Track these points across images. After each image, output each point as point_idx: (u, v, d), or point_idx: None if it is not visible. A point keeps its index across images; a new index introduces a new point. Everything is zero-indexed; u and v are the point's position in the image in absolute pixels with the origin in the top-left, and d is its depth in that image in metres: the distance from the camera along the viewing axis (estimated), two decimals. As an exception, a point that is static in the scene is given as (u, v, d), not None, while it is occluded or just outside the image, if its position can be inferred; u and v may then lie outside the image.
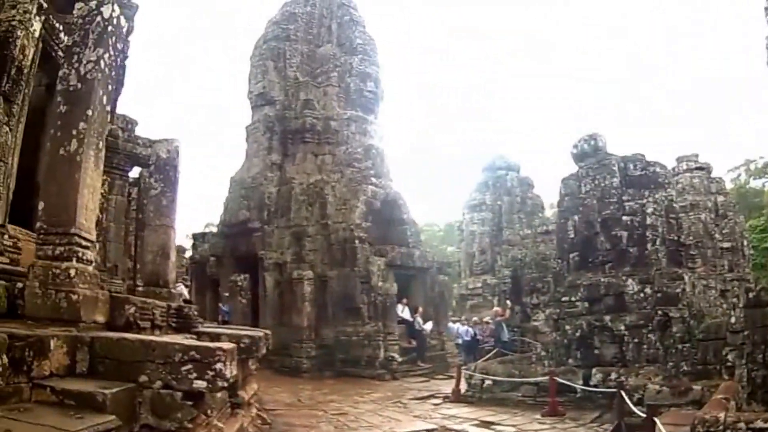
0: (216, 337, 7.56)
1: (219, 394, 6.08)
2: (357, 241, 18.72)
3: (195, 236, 23.87)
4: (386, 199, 20.69)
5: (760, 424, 5.09)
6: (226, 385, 5.37)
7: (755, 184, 40.95)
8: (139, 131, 13.59)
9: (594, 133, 13.43)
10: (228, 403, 7.16)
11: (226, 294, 19.74)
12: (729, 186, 30.71)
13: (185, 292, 21.51)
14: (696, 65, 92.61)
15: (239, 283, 19.00)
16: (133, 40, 12.50)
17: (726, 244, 23.55)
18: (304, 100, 21.30)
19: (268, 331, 9.45)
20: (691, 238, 18.37)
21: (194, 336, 7.51)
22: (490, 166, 31.51)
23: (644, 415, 7.08)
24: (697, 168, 25.51)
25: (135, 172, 13.26)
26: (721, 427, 5.19)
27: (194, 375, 5.03)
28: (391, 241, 20.18)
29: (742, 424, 5.17)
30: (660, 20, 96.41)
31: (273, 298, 18.86)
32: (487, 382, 12.54)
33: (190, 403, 5.02)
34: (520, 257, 25.05)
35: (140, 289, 8.87)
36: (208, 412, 5.57)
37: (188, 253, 26.35)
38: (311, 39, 22.71)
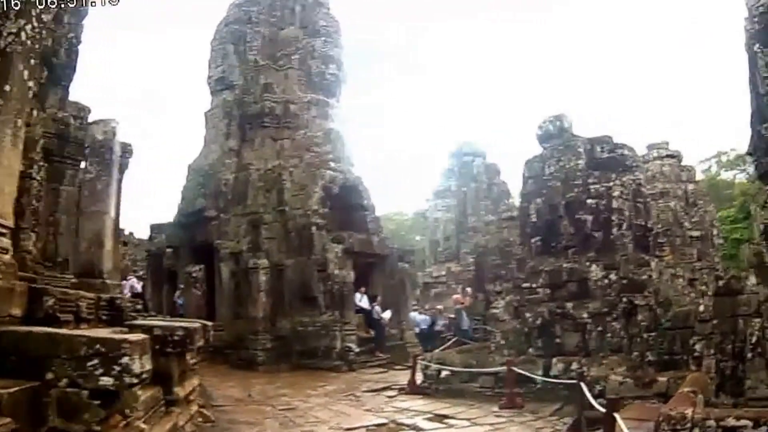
0: (148, 330, 7.15)
1: (142, 392, 5.68)
2: (314, 228, 18.29)
3: (152, 227, 23.23)
4: (345, 185, 20.20)
5: (732, 422, 4.79)
6: (135, 381, 4.89)
7: (726, 175, 41.03)
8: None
9: (560, 113, 13.04)
10: (163, 401, 6.80)
11: (182, 286, 19.21)
12: (700, 177, 30.80)
13: (138, 285, 21.01)
14: (674, 53, 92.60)
15: (194, 275, 18.46)
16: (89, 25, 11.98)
17: (695, 233, 23.45)
18: (264, 84, 20.76)
19: (207, 323, 8.98)
20: (659, 225, 18.26)
21: (126, 329, 7.10)
22: (457, 152, 31.32)
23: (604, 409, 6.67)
24: (667, 155, 25.40)
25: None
26: (688, 425, 4.83)
27: (100, 371, 4.62)
28: (350, 228, 19.73)
29: (712, 422, 4.85)
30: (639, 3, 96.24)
31: (229, 289, 18.43)
32: (444, 372, 12.32)
33: (97, 402, 4.61)
34: (483, 244, 24.96)
35: (73, 280, 8.41)
36: (126, 411, 5.18)
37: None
38: (274, 21, 22.06)
